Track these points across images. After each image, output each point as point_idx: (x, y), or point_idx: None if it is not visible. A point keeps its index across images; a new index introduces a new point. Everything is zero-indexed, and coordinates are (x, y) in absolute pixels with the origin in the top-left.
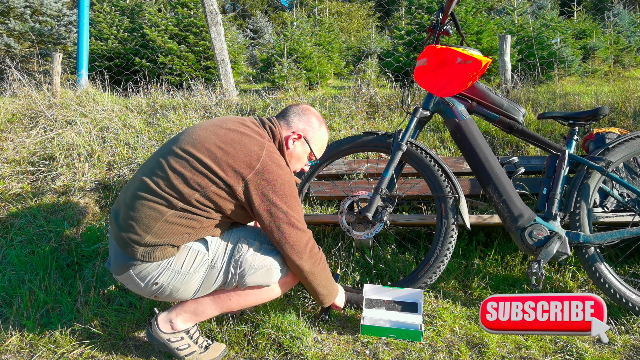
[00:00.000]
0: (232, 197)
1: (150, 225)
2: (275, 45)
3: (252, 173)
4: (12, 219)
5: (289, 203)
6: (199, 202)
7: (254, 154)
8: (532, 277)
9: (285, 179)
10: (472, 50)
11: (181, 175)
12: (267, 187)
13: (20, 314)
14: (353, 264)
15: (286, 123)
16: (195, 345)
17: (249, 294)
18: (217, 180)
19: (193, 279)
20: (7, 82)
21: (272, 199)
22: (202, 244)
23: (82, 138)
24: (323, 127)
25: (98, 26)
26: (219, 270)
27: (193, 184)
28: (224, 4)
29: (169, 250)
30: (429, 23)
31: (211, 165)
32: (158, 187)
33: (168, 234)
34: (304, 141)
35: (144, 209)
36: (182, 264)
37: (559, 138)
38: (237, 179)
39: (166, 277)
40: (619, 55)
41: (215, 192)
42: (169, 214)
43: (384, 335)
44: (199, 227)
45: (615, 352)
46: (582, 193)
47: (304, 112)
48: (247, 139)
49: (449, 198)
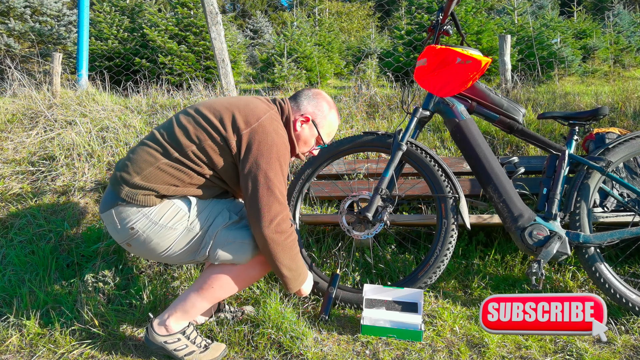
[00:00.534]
0: (225, 152)
1: (142, 168)
2: (275, 45)
3: (248, 129)
4: (12, 219)
5: (272, 167)
6: (194, 154)
7: (255, 114)
8: (532, 277)
9: (277, 145)
10: (472, 50)
11: (184, 128)
12: (257, 145)
13: (20, 314)
14: (353, 264)
15: (296, 105)
16: (193, 345)
17: (227, 276)
18: (215, 134)
19: (168, 234)
20: (7, 82)
21: (257, 158)
22: (185, 203)
23: (82, 138)
24: (333, 112)
25: (98, 26)
26: (195, 234)
27: (193, 137)
28: (224, 4)
29: (152, 198)
30: (429, 23)
31: (213, 121)
32: (162, 137)
33: (156, 180)
34: (312, 124)
35: (142, 152)
36: (161, 217)
37: (559, 138)
38: (233, 133)
39: (143, 225)
40: (619, 55)
41: (211, 146)
42: (162, 161)
43: (384, 335)
44: (188, 181)
45: (615, 352)
46: (582, 193)
47: (315, 96)
48: (254, 104)
49: (449, 198)
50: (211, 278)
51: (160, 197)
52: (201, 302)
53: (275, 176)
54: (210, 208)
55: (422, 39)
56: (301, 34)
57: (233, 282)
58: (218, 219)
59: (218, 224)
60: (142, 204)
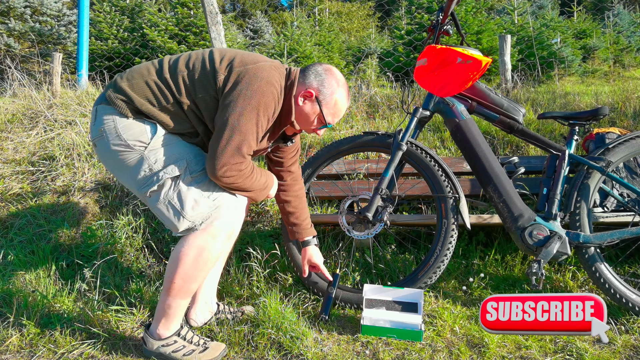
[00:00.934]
0: (210, 85)
1: (134, 77)
2: (275, 45)
3: (240, 67)
4: (12, 219)
5: (247, 113)
6: (182, 79)
7: (255, 59)
8: (532, 277)
9: (263, 93)
10: (472, 50)
11: (188, 57)
12: (242, 85)
13: (20, 314)
14: (353, 264)
15: (303, 77)
16: (191, 345)
17: (183, 266)
18: (209, 66)
19: (124, 152)
20: (7, 82)
21: (237, 98)
22: (151, 131)
23: (82, 138)
24: (341, 91)
25: (98, 26)
26: (145, 167)
27: (189, 64)
28: (224, 4)
29: (126, 109)
30: (429, 23)
31: (215, 56)
32: (168, 60)
33: (138, 92)
34: (314, 101)
35: (143, 66)
36: (126, 132)
37: (559, 138)
38: (226, 68)
39: (109, 130)
40: (619, 55)
41: (200, 76)
42: (153, 77)
43: (384, 335)
44: (164, 104)
45: (615, 352)
46: (582, 193)
47: (325, 71)
48: (261, 56)
49: (449, 198)
50: (171, 275)
51: (135, 111)
52: (173, 300)
53: (245, 123)
54: (173, 151)
55: (422, 39)
56: (301, 34)
57: (191, 268)
58: (173, 166)
59: (170, 172)
60: (117, 109)
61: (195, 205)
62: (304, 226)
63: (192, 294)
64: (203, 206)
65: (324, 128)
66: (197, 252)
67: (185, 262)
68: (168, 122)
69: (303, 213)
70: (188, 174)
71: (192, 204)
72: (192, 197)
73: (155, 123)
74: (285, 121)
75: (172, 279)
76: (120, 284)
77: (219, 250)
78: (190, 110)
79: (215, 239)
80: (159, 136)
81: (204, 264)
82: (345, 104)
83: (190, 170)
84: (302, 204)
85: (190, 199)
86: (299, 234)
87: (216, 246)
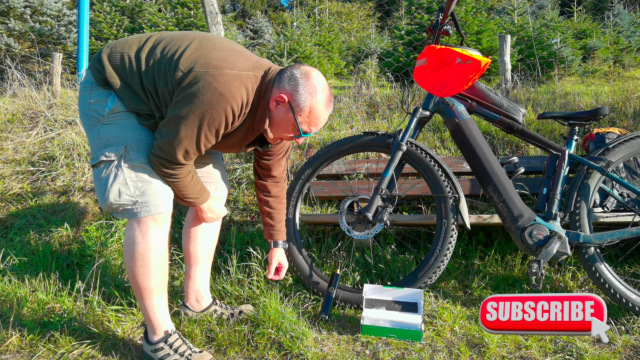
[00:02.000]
0: (169, 78)
1: (115, 50)
2: (275, 45)
3: (201, 70)
4: (12, 219)
5: (189, 122)
6: (153, 64)
7: (219, 65)
8: (532, 277)
9: (213, 106)
10: (471, 51)
11: (168, 43)
12: (194, 90)
13: (21, 314)
14: (353, 264)
15: (278, 80)
16: (175, 354)
17: (130, 267)
18: (175, 58)
19: (84, 114)
20: (7, 82)
21: (184, 102)
22: (110, 102)
23: (82, 138)
24: (318, 98)
25: (98, 26)
26: (95, 138)
27: (164, 50)
28: (224, 4)
29: (99, 78)
30: (429, 23)
31: (187, 51)
32: (154, 40)
33: (112, 62)
34: (288, 107)
35: (132, 38)
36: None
37: (559, 138)
38: (188, 65)
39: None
40: (619, 55)
41: (165, 66)
42: (130, 53)
43: (384, 335)
44: (130, 81)
45: (615, 352)
46: (582, 193)
47: (302, 75)
48: (239, 55)
49: (449, 198)
50: (130, 281)
51: (104, 82)
52: (142, 302)
53: (186, 130)
54: (119, 133)
55: (422, 39)
56: (301, 34)
57: (135, 266)
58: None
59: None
60: (93, 77)
61: (117, 196)
62: (278, 228)
63: (159, 291)
64: (126, 198)
65: (301, 137)
66: (131, 248)
67: (127, 262)
68: (129, 99)
69: (279, 215)
70: (122, 161)
71: (116, 192)
72: (117, 187)
73: (117, 97)
74: (259, 128)
75: (131, 283)
76: (120, 284)
77: (153, 243)
78: (150, 95)
79: (144, 234)
80: (113, 112)
81: (143, 259)
82: (323, 112)
83: (126, 158)
84: (279, 206)
85: (115, 188)
86: (271, 235)
87: (146, 240)
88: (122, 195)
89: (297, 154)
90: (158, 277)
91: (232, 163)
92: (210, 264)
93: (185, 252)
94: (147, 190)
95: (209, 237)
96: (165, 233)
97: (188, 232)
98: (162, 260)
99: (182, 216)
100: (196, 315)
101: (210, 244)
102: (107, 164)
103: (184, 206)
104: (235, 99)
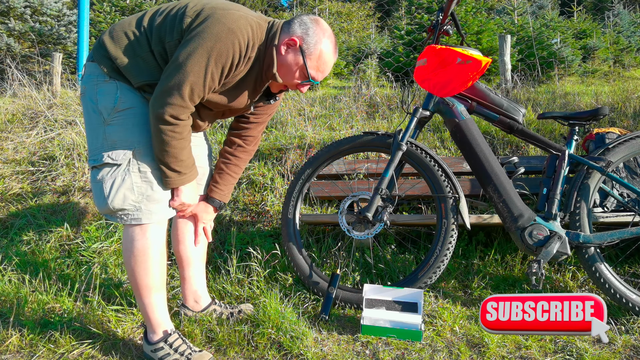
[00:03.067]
0: (177, 28)
1: (116, 30)
2: None
3: (209, 12)
4: (12, 219)
5: (197, 57)
6: (157, 26)
7: (226, 7)
8: (532, 277)
9: (221, 41)
10: (472, 50)
11: (168, 7)
12: (202, 27)
13: (20, 314)
14: (353, 264)
15: (287, 27)
16: (176, 354)
17: (129, 265)
18: (180, 11)
19: (89, 108)
20: (7, 82)
21: (192, 39)
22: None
23: (82, 138)
24: (327, 43)
25: (98, 26)
26: (98, 136)
27: (165, 11)
28: None
29: (105, 64)
30: (429, 23)
31: (190, 3)
32: (152, 11)
33: (117, 41)
34: (297, 50)
35: (129, 18)
36: (99, 91)
37: (559, 138)
38: (194, 12)
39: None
40: (619, 55)
41: (171, 20)
42: (132, 27)
43: (384, 335)
44: (139, 52)
45: (615, 352)
46: (582, 193)
47: (311, 20)
48: (241, 7)
49: (449, 198)
50: (129, 279)
51: (112, 69)
52: (140, 300)
53: (192, 64)
54: (127, 135)
55: (422, 39)
56: None
57: (133, 263)
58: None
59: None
60: (99, 66)
61: (122, 201)
62: (221, 188)
63: (158, 289)
64: (130, 204)
65: (307, 83)
66: (130, 246)
67: (126, 260)
68: (138, 73)
69: (230, 179)
70: (131, 166)
71: (121, 197)
72: (123, 192)
73: (123, 87)
74: (267, 75)
75: (130, 282)
76: (120, 284)
77: (152, 240)
78: (161, 57)
79: (144, 232)
80: (119, 108)
81: (143, 255)
82: (331, 57)
83: (135, 164)
84: (235, 168)
85: (121, 193)
86: (212, 190)
87: (146, 237)
88: (126, 201)
89: (297, 154)
90: (157, 274)
91: None
92: (204, 263)
93: (177, 255)
94: (151, 197)
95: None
96: (163, 230)
97: (176, 234)
98: (161, 257)
99: None
100: (196, 315)
101: (200, 244)
102: (112, 166)
103: None
104: (243, 35)
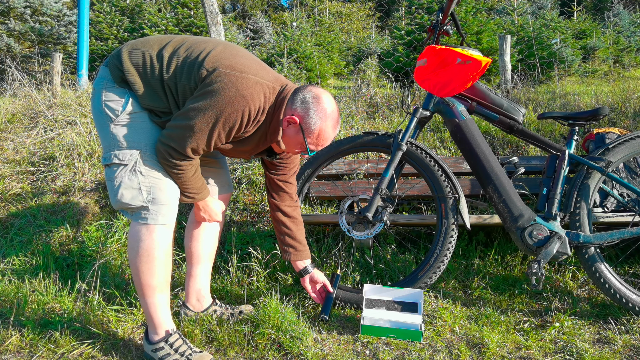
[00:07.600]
0: (193, 75)
1: (138, 47)
2: (275, 45)
3: (225, 70)
4: (12, 219)
5: (205, 117)
6: (176, 62)
7: (242, 69)
8: (532, 277)
9: (232, 105)
10: (472, 51)
11: (192, 44)
12: (215, 87)
13: (20, 314)
14: (353, 264)
15: (292, 101)
16: (176, 354)
17: (134, 265)
18: (200, 58)
19: (98, 111)
20: (7, 82)
21: (204, 98)
22: (125, 102)
23: (82, 138)
24: (327, 122)
25: (98, 26)
26: (108, 135)
27: (189, 50)
28: (224, 4)
29: (116, 75)
30: (429, 23)
31: (212, 53)
32: (177, 42)
33: (133, 58)
34: (298, 128)
35: (155, 39)
36: (107, 94)
37: (559, 138)
38: (211, 66)
39: (98, 90)
40: (619, 55)
41: (190, 64)
42: (152, 52)
43: (384, 335)
44: (149, 77)
45: (615, 352)
46: (582, 193)
47: (313, 99)
48: (261, 67)
49: (449, 198)
50: (133, 278)
51: (120, 80)
52: (144, 300)
53: (200, 123)
54: (133, 136)
55: (422, 39)
56: (301, 34)
57: (139, 263)
58: (125, 152)
59: (120, 158)
60: (111, 74)
61: (130, 199)
62: (300, 248)
63: (161, 289)
64: (137, 203)
65: (306, 154)
66: (137, 245)
67: (131, 258)
68: (146, 96)
69: (298, 234)
70: (137, 166)
71: (128, 196)
72: (129, 191)
73: (132, 96)
74: (272, 138)
75: (134, 281)
76: (120, 284)
77: (158, 240)
78: (169, 91)
79: (150, 231)
80: (127, 112)
81: (149, 255)
82: (331, 134)
83: (141, 164)
84: (298, 225)
85: (128, 192)
86: (296, 256)
87: (152, 237)
88: (134, 200)
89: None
90: (162, 275)
91: (232, 163)
92: (211, 263)
93: (187, 251)
94: (158, 198)
95: (211, 237)
96: (170, 231)
97: (191, 231)
98: (166, 257)
99: (181, 216)
100: (196, 315)
101: (212, 244)
102: (119, 166)
103: (184, 205)
104: (254, 102)
